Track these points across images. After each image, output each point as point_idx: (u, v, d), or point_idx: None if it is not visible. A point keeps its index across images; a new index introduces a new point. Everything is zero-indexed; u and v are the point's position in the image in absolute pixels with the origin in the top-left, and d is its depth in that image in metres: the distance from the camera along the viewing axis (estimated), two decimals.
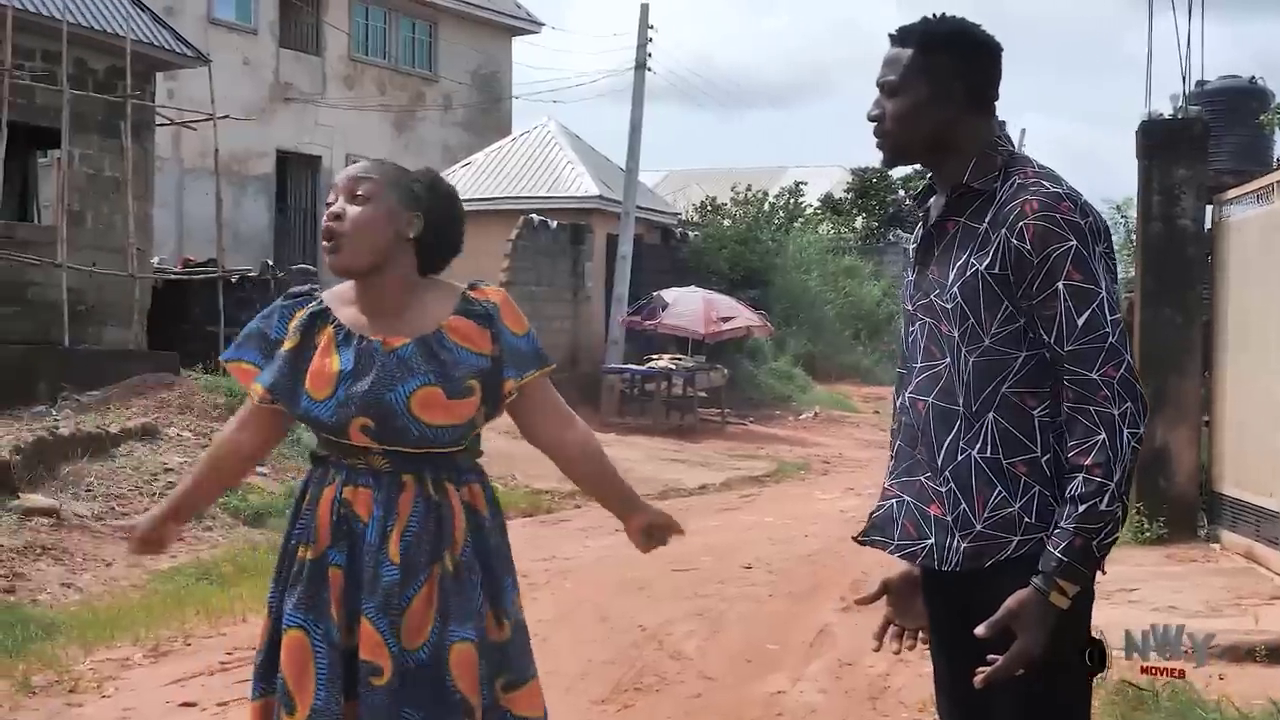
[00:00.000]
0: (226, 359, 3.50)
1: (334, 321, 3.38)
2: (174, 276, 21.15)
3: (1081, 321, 2.80)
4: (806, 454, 21.21)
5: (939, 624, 3.15)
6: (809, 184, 42.68)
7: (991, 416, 2.92)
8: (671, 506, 14.79)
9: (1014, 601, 2.77)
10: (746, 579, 10.11)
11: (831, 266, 36.17)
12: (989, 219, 2.94)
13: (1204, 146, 11.12)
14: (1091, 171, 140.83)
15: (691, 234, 32.12)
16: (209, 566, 9.83)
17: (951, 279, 2.98)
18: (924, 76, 3.02)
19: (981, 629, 2.79)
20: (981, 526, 2.92)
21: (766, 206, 38.25)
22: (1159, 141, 11.14)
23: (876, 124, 3.09)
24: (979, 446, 2.93)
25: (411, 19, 34.39)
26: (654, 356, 24.74)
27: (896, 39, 3.08)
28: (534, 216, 25.54)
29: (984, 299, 2.91)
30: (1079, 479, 2.76)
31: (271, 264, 22.56)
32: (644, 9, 27.18)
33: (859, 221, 43.54)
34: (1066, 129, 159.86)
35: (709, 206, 38.18)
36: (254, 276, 20.83)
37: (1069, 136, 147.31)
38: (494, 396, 3.42)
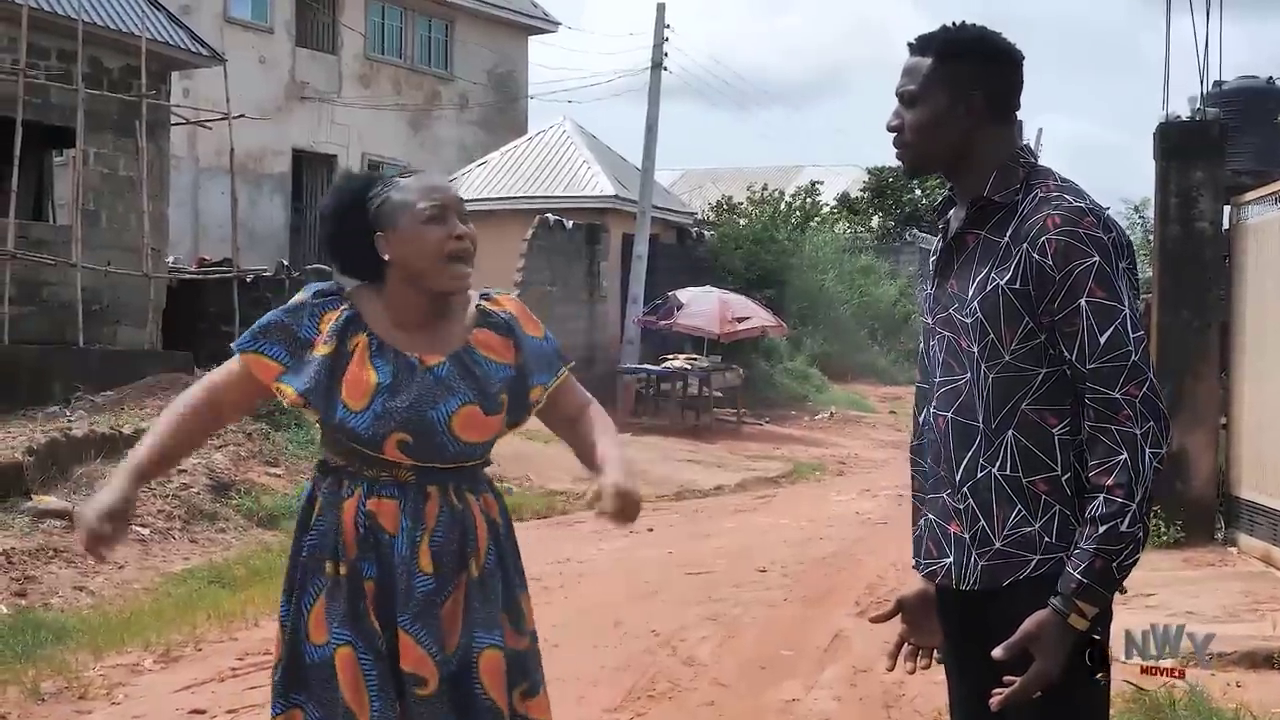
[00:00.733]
0: (243, 348, 3.34)
1: (367, 330, 3.33)
2: (189, 276, 21.13)
3: (1104, 339, 2.75)
4: (822, 455, 21.16)
5: (955, 643, 3.10)
6: (825, 183, 42.73)
7: (1011, 434, 2.87)
8: (686, 508, 14.92)
9: (1032, 623, 2.73)
10: (761, 582, 10.06)
11: (848, 266, 36.17)
12: (1010, 233, 2.89)
13: (1221, 149, 11.07)
14: (1110, 172, 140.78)
15: (707, 234, 32.06)
16: (221, 569, 9.81)
17: (971, 294, 2.93)
18: (944, 86, 2.96)
19: (999, 651, 2.75)
20: (1000, 545, 2.88)
21: (783, 206, 38.26)
22: (1176, 144, 11.10)
23: (896, 134, 3.04)
24: (999, 464, 2.89)
25: (428, 18, 34.33)
26: (669, 356, 24.70)
27: (916, 48, 3.03)
28: (549, 216, 25.52)
29: (1004, 314, 2.86)
30: (1100, 499, 2.71)
31: (287, 263, 22.51)
32: (660, 8, 27.15)
33: (875, 221, 43.50)
34: (1085, 129, 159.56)
35: (725, 206, 38.16)
36: (269, 276, 20.80)
37: (1087, 137, 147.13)
38: (521, 405, 3.44)
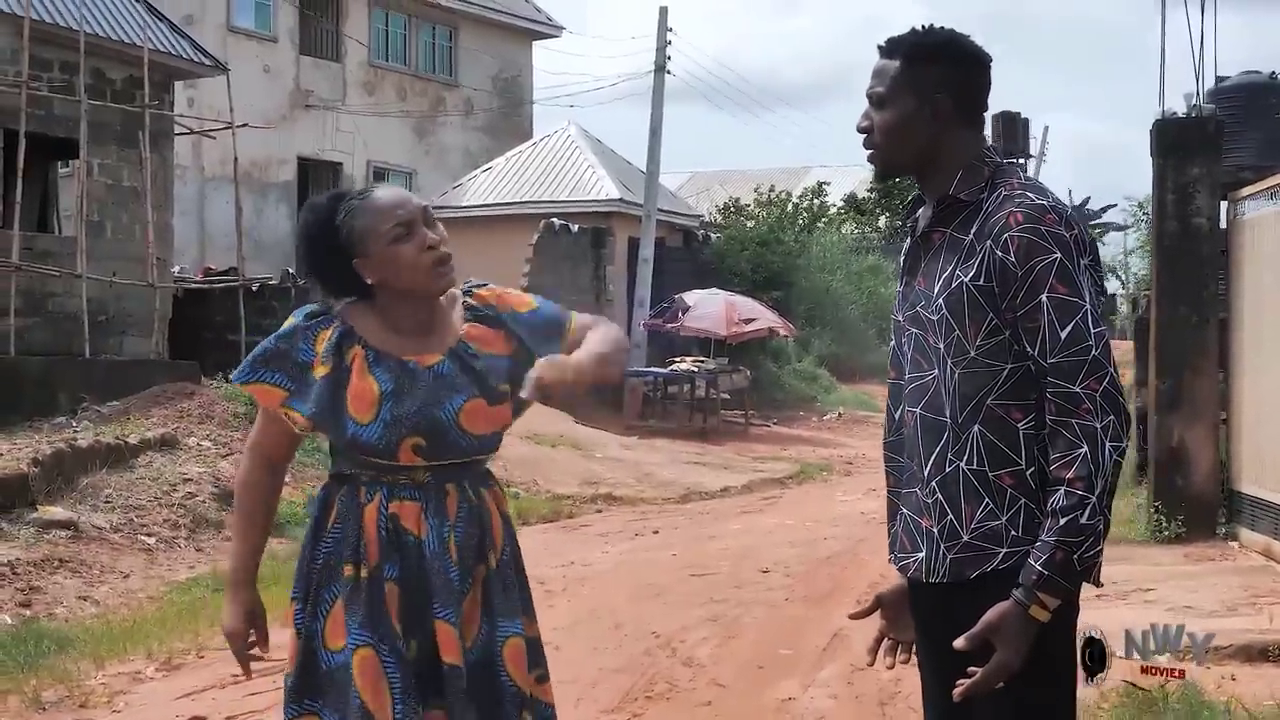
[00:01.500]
0: (243, 381, 3.38)
1: (361, 341, 3.35)
2: (195, 285, 21.20)
3: (1065, 334, 2.78)
4: (830, 455, 21.19)
5: (926, 636, 3.14)
6: (832, 184, 42.71)
7: (977, 429, 2.91)
8: (692, 510, 14.93)
9: (994, 614, 2.76)
10: (764, 583, 10.09)
11: (855, 266, 36.18)
12: (975, 230, 2.92)
13: (1218, 145, 11.09)
14: (1115, 169, 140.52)
15: (713, 236, 32.08)
16: (226, 577, 9.82)
17: (937, 291, 2.97)
18: (911, 89, 2.99)
19: (960, 641, 2.78)
20: (968, 538, 2.92)
21: (790, 207, 38.24)
22: (1173, 141, 11.13)
23: (866, 136, 3.08)
24: (966, 459, 2.93)
25: (431, 24, 34.41)
26: (676, 359, 24.74)
27: (885, 50, 3.06)
28: (555, 220, 25.59)
29: (969, 311, 2.90)
30: (1061, 492, 2.74)
31: (293, 272, 22.56)
32: (663, 11, 27.23)
33: (882, 221, 43.48)
34: (1091, 128, 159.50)
35: (732, 208, 38.14)
36: (275, 285, 20.84)
37: (1093, 135, 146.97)
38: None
